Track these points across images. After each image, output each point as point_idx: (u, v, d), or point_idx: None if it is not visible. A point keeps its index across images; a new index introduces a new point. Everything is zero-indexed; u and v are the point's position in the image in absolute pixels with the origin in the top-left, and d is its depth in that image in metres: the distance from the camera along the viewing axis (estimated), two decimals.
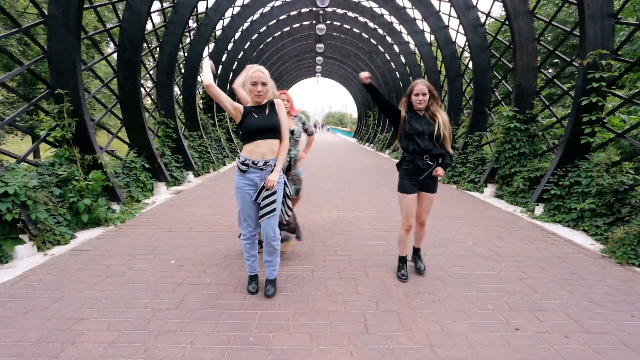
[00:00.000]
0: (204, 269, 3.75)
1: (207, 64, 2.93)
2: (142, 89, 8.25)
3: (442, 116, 3.27)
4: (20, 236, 4.13)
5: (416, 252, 3.83)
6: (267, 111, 2.93)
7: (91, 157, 5.79)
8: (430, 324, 2.74)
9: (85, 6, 6.05)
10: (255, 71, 2.90)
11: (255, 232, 3.12)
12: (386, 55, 18.23)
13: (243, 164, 2.91)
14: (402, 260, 3.62)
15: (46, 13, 5.40)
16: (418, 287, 3.37)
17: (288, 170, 4.05)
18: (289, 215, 3.26)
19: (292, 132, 3.97)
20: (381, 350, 2.42)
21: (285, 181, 3.10)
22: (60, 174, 5.25)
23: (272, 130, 2.92)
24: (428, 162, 3.28)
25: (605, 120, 5.75)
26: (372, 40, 18.20)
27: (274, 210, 2.92)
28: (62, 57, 5.51)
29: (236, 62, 15.71)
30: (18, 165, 4.68)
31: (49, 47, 5.49)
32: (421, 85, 3.25)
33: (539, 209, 6.15)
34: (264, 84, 2.90)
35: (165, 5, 9.77)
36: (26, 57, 14.52)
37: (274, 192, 2.90)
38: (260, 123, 2.88)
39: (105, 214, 5.39)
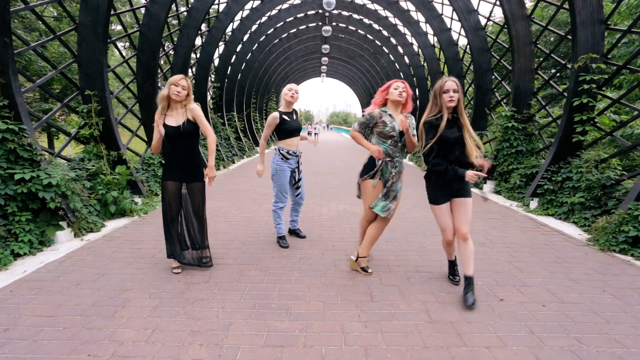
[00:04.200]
0: (225, 252, 4.20)
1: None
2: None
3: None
4: (60, 223, 4.61)
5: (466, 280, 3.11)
6: (294, 117, 4.26)
7: (116, 154, 6.26)
8: (427, 295, 3.17)
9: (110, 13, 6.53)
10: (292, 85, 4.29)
11: (286, 203, 4.33)
12: (390, 56, 18.61)
13: (288, 153, 4.21)
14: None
15: (77, 21, 5.88)
16: (417, 267, 3.80)
17: None
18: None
19: None
20: (384, 314, 2.85)
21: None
22: (89, 169, 5.73)
23: (299, 130, 4.28)
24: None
25: (595, 120, 6.14)
26: (376, 41, 18.60)
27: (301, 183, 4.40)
28: (90, 61, 5.98)
29: (244, 63, 16.21)
30: (55, 159, 5.16)
31: (79, 52, 5.98)
32: (451, 82, 2.97)
33: (534, 203, 6.54)
34: (297, 91, 4.23)
35: (180, 9, 10.25)
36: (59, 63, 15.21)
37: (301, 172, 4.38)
38: (295, 125, 4.24)
39: (130, 206, 5.86)
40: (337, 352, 2.38)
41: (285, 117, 4.18)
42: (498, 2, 7.99)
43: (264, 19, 15.13)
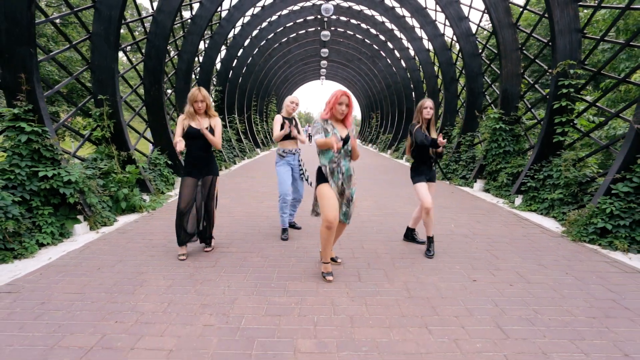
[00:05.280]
0: (230, 242, 4.62)
1: None
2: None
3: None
4: (77, 217, 5.02)
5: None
6: (294, 123, 4.84)
7: (126, 154, 6.69)
8: (409, 277, 3.58)
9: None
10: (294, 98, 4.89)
11: (290, 196, 4.81)
12: (388, 60, 19.07)
13: (284, 152, 4.77)
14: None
15: (90, 30, 6.32)
16: (402, 255, 4.21)
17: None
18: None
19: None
20: (369, 291, 3.26)
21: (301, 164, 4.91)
22: (102, 168, 6.15)
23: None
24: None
25: (575, 122, 6.56)
26: (374, 45, 19.06)
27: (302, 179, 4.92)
28: (102, 68, 6.42)
29: (245, 67, 16.65)
30: (72, 159, 5.58)
31: (92, 59, 6.42)
32: (428, 102, 4.22)
33: (518, 200, 6.95)
34: (297, 104, 4.85)
35: (185, 15, 10.70)
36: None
37: (302, 170, 4.87)
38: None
39: (139, 202, 6.28)
40: (327, 320, 2.79)
41: (285, 121, 4.79)
42: (487, 11, 8.42)
43: (264, 24, 15.60)
